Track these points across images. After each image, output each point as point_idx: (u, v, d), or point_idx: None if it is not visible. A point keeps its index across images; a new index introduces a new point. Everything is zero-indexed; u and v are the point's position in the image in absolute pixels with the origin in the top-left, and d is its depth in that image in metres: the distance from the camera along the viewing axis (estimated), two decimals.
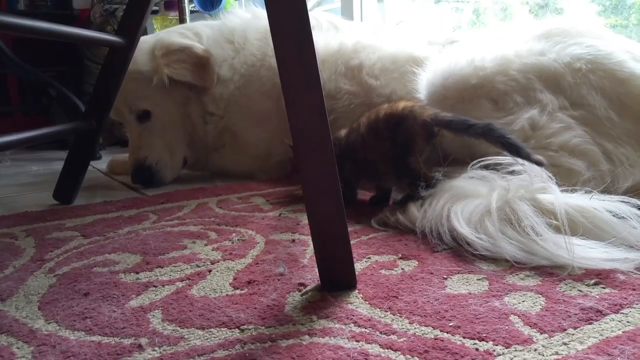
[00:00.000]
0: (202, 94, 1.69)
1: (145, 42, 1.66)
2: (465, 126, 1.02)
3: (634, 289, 0.73)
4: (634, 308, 0.68)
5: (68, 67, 2.75)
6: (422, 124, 1.07)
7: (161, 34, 1.75)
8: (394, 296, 0.73)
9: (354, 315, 0.68)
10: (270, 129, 1.63)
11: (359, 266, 0.85)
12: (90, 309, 0.74)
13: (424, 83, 1.27)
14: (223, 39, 1.72)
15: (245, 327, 0.66)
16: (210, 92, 1.68)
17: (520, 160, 0.95)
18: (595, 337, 0.61)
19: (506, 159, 0.98)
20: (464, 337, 0.62)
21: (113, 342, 0.64)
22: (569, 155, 0.99)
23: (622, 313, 0.66)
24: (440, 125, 1.06)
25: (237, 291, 0.78)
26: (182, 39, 1.67)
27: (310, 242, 0.79)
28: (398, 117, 1.10)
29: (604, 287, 0.74)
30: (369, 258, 0.89)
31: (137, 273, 0.86)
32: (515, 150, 0.94)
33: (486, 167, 1.01)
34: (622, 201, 0.87)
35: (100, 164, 2.00)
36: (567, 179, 0.95)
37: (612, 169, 1.00)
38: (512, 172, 0.96)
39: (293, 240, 1.00)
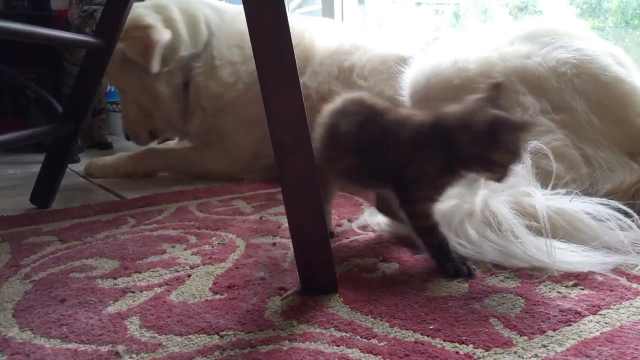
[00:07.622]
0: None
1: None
2: None
3: (612, 290, 0.73)
4: (612, 309, 0.68)
5: (46, 69, 2.71)
6: None
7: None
8: (374, 299, 0.73)
9: (334, 320, 0.68)
10: (261, 132, 1.62)
11: (339, 269, 0.85)
12: (66, 315, 0.72)
13: (407, 82, 1.27)
14: (232, 43, 1.71)
15: (225, 333, 0.66)
16: (206, 85, 1.70)
17: None
18: (574, 339, 0.61)
19: None
20: (444, 340, 0.62)
21: (90, 349, 0.63)
22: (548, 158, 0.99)
23: (600, 314, 0.67)
24: None
25: (217, 296, 0.77)
26: (148, 19, 1.64)
27: (292, 246, 0.78)
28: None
29: (582, 289, 0.74)
30: (350, 261, 0.89)
31: (115, 278, 0.85)
32: None
33: None
34: (600, 203, 0.88)
35: (79, 167, 1.97)
36: (546, 182, 0.95)
37: (591, 173, 1.01)
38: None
39: (274, 244, 0.99)
